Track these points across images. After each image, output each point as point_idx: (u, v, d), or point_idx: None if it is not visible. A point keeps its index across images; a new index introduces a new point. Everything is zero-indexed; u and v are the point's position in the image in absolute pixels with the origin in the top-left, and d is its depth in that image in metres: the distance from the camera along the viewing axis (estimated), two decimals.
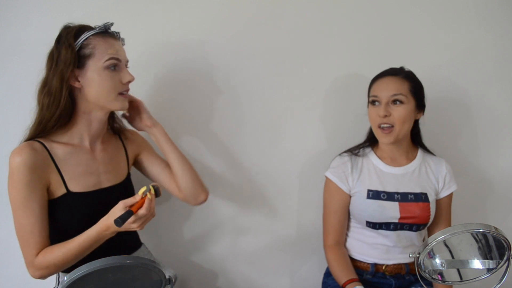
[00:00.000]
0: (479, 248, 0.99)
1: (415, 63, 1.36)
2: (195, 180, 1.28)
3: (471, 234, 0.97)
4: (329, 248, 1.36)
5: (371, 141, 1.41)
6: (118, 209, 0.99)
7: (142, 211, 0.99)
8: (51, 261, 1.04)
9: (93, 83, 1.07)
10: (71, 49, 1.04)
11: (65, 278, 0.74)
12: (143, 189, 1.00)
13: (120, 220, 0.94)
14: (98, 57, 1.06)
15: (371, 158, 1.37)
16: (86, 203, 1.11)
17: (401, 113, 1.26)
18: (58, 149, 1.10)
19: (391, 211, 1.29)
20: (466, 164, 1.63)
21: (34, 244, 1.05)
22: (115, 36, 1.11)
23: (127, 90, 1.14)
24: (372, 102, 1.31)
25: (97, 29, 1.08)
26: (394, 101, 1.27)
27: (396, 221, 1.29)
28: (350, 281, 1.26)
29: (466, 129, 1.62)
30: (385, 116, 1.26)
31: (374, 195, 1.31)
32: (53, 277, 1.21)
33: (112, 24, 1.10)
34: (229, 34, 1.46)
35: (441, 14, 1.54)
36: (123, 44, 1.15)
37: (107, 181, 1.16)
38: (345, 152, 1.41)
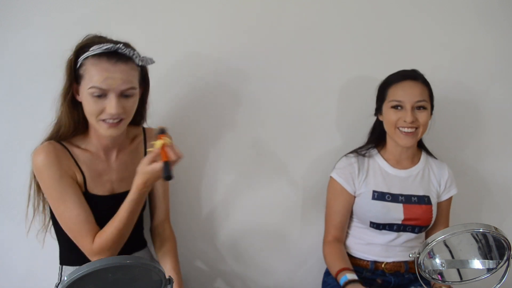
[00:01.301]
0: (479, 248, 0.99)
1: (415, 63, 1.36)
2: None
3: (471, 234, 0.97)
4: (327, 243, 1.38)
5: (376, 141, 1.42)
6: (144, 165, 1.00)
7: (173, 158, 0.98)
8: (109, 240, 1.06)
9: (83, 102, 1.07)
10: (69, 66, 1.05)
11: (65, 278, 0.74)
12: (158, 142, 1.00)
13: (168, 175, 0.93)
14: (86, 81, 1.03)
15: (377, 160, 1.38)
16: (100, 206, 1.12)
17: (425, 119, 1.28)
18: (79, 152, 1.12)
19: (395, 213, 1.31)
20: (466, 164, 1.62)
21: (87, 232, 1.07)
22: (112, 60, 1.02)
23: (115, 119, 1.05)
24: (395, 107, 1.30)
25: (94, 50, 1.01)
26: (419, 107, 1.28)
27: (400, 222, 1.31)
28: (342, 269, 1.27)
29: (466, 129, 1.62)
30: (412, 121, 1.26)
31: (379, 196, 1.33)
32: (56, 273, 1.22)
33: (118, 45, 1.02)
34: (235, 35, 1.46)
35: (441, 14, 1.54)
36: (143, 64, 1.07)
37: (120, 188, 1.17)
38: (351, 153, 1.41)
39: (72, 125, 1.10)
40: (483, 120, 1.61)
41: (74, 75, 1.05)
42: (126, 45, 1.06)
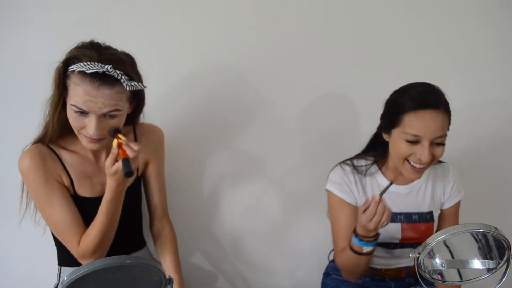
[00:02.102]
0: (479, 248, 0.99)
1: (415, 63, 1.36)
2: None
3: (471, 234, 0.97)
4: (340, 251, 1.23)
5: (376, 157, 1.28)
6: (109, 167, 0.98)
7: (130, 154, 0.95)
8: (93, 243, 1.05)
9: (68, 114, 1.03)
10: (58, 75, 1.01)
11: (65, 278, 0.74)
12: (114, 142, 0.99)
13: (128, 171, 0.92)
14: (70, 95, 0.99)
15: (377, 178, 1.26)
16: (90, 208, 1.11)
17: (441, 153, 1.13)
18: (66, 155, 1.11)
19: (393, 233, 1.23)
20: (467, 164, 1.62)
21: (73, 235, 1.07)
22: (96, 83, 0.95)
23: (95, 139, 1.02)
24: (412, 142, 1.11)
25: (79, 67, 0.96)
26: (437, 143, 1.12)
27: (397, 241, 1.25)
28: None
29: (467, 129, 1.62)
30: (429, 160, 1.11)
31: None
32: (55, 273, 1.21)
33: (105, 67, 0.95)
34: (235, 35, 1.46)
35: (441, 14, 1.54)
36: (131, 89, 1.00)
37: None
38: (345, 163, 1.28)
39: (59, 128, 1.07)
40: (482, 120, 1.61)
41: (63, 83, 1.02)
42: (118, 65, 0.98)
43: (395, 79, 1.54)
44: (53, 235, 1.18)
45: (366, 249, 1.12)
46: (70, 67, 0.98)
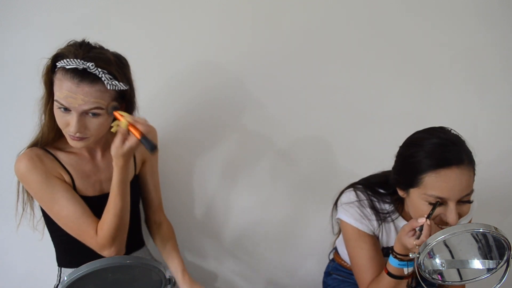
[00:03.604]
0: (479, 248, 1.00)
1: (415, 63, 1.36)
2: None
3: (471, 234, 0.97)
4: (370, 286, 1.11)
5: (394, 203, 1.15)
6: (119, 148, 0.99)
7: (144, 130, 0.97)
8: (111, 228, 1.04)
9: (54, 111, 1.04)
10: (47, 72, 1.03)
11: (65, 278, 0.75)
12: (123, 121, 0.98)
13: (152, 146, 0.93)
14: (55, 90, 1.01)
15: (397, 223, 1.15)
16: (91, 206, 1.11)
17: (467, 211, 1.02)
18: (63, 155, 1.11)
19: None
20: None
21: (87, 226, 1.06)
22: (76, 80, 0.96)
23: (77, 137, 1.02)
24: (438, 203, 0.98)
25: (63, 63, 0.98)
26: (464, 201, 1.00)
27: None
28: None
29: (466, 128, 1.61)
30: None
31: (385, 253, 1.17)
32: (55, 274, 1.22)
33: (87, 65, 0.96)
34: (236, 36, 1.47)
35: (441, 14, 1.54)
36: (113, 89, 0.99)
37: (109, 188, 1.15)
38: (360, 191, 1.15)
39: (54, 127, 1.07)
40: (482, 119, 1.61)
41: (50, 80, 1.03)
42: (102, 63, 0.99)
43: (394, 79, 1.55)
44: (51, 236, 1.18)
45: (407, 270, 1.01)
46: (57, 64, 1.00)
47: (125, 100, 1.09)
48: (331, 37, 1.50)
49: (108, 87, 0.99)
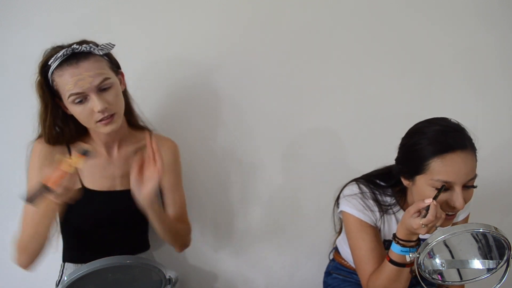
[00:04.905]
0: (479, 248, 1.00)
1: (415, 63, 1.36)
2: (174, 240, 1.23)
3: (471, 234, 0.97)
4: (370, 277, 1.11)
5: (396, 195, 1.16)
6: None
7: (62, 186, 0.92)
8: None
9: (73, 113, 1.06)
10: (40, 87, 1.05)
11: (65, 278, 0.75)
12: (75, 160, 0.94)
13: (31, 197, 0.88)
14: (64, 93, 1.02)
15: (398, 216, 1.16)
16: (98, 201, 1.12)
17: (470, 197, 1.04)
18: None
19: None
20: None
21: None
22: (73, 62, 1.01)
23: (107, 115, 1.04)
24: (443, 187, 0.98)
25: (53, 63, 1.02)
26: (468, 186, 1.01)
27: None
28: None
29: (466, 128, 1.62)
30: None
31: (386, 246, 1.16)
32: (56, 273, 1.21)
33: (72, 47, 1.01)
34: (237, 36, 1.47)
35: (441, 14, 1.54)
36: (104, 52, 1.05)
37: (121, 185, 1.16)
38: (365, 188, 1.16)
39: (72, 130, 1.12)
40: (483, 119, 1.61)
41: (50, 94, 1.05)
42: (80, 43, 1.04)
43: (394, 78, 1.55)
44: (61, 230, 1.18)
45: (409, 257, 0.99)
46: (48, 72, 1.02)
47: (119, 68, 1.13)
48: (333, 37, 1.50)
49: (97, 52, 1.03)
